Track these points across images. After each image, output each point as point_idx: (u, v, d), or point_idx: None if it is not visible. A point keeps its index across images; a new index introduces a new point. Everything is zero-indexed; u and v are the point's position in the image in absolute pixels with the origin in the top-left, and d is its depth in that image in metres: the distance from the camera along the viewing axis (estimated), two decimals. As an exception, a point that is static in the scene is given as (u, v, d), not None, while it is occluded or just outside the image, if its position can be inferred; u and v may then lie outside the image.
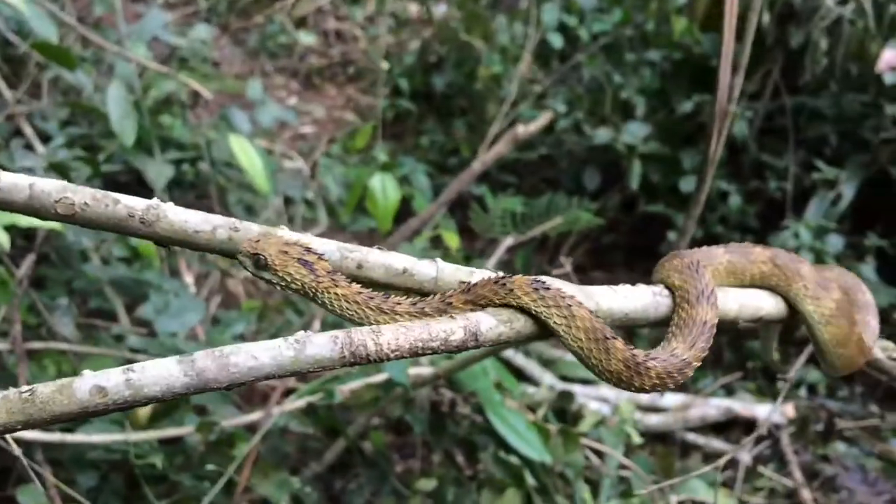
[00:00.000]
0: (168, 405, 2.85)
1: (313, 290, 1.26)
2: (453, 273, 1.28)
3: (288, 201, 5.06)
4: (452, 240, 3.89)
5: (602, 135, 5.65)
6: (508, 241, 4.38)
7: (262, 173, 4.12)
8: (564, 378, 5.11)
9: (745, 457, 4.81)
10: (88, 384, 1.00)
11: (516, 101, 6.14)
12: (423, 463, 3.63)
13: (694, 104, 5.71)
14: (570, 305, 1.27)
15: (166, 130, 4.96)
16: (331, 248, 1.22)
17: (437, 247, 4.34)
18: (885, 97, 5.20)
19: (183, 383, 1.00)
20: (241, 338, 3.17)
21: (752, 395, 5.32)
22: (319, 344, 1.06)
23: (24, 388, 0.99)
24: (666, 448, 4.40)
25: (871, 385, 5.48)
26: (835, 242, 5.08)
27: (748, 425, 5.13)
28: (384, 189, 2.80)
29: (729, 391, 5.37)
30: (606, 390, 5.08)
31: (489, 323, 1.16)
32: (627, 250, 6.36)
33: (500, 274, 1.27)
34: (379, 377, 2.87)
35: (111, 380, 1.00)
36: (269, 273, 1.25)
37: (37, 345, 2.77)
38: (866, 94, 5.30)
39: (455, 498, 2.90)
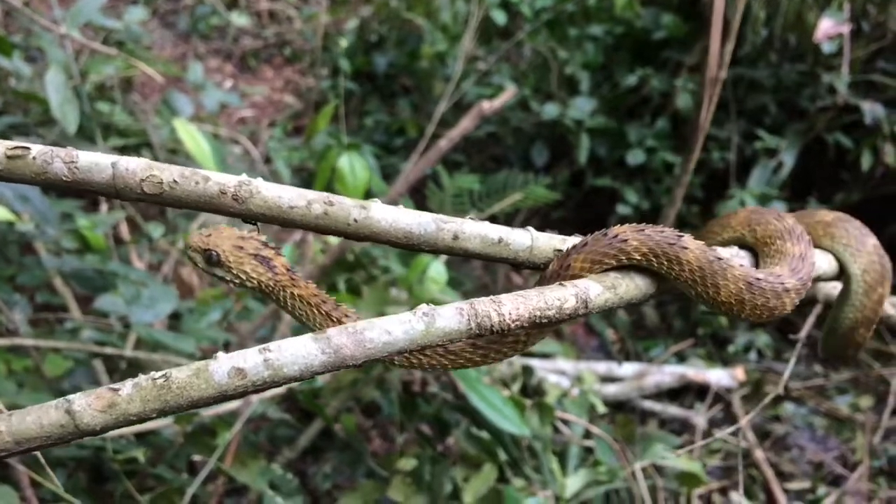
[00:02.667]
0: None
1: (270, 289, 1.20)
2: (547, 241, 1.27)
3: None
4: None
5: (550, 110, 5.67)
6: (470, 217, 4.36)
7: (211, 159, 4.00)
8: (523, 353, 5.15)
9: (700, 420, 4.94)
10: (226, 366, 0.97)
11: (461, 79, 6.13)
12: (394, 443, 3.61)
13: (638, 78, 5.78)
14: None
15: (105, 117, 4.80)
16: (426, 219, 1.19)
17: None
18: (820, 66, 5.35)
19: (321, 361, 0.98)
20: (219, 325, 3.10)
21: (703, 360, 5.46)
22: (447, 316, 1.04)
23: (157, 374, 0.94)
24: (626, 416, 4.48)
25: (815, 346, 5.69)
26: (778, 209, 5.22)
27: (700, 390, 5.27)
28: (352, 168, 2.76)
29: (681, 358, 5.50)
30: (564, 363, 5.14)
31: (597, 290, 1.15)
32: (576, 224, 6.43)
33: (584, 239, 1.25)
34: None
35: (248, 360, 0.97)
36: (222, 270, 1.18)
37: (2, 342, 2.65)
38: (803, 63, 5.45)
39: (432, 476, 2.90)
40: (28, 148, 1.12)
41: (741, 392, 5.19)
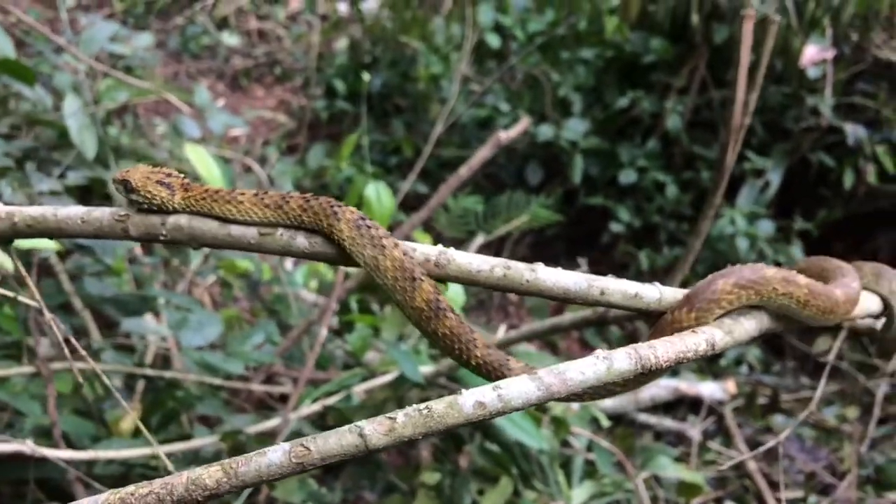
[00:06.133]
0: (166, 418, 2.86)
1: (171, 204, 1.45)
2: (672, 294, 1.50)
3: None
4: (425, 240, 3.99)
5: (545, 132, 5.84)
6: (479, 239, 4.52)
7: (222, 182, 4.11)
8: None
9: (695, 433, 5.10)
10: (471, 400, 1.17)
11: (456, 101, 6.28)
12: (404, 458, 3.72)
13: (629, 100, 5.97)
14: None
15: (113, 140, 4.88)
16: (580, 279, 1.39)
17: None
18: (804, 89, 5.57)
19: (537, 396, 1.20)
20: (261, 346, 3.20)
21: (695, 374, 5.62)
22: (620, 359, 1.27)
23: (422, 406, 1.15)
24: (625, 428, 4.62)
25: (801, 359, 5.88)
26: (766, 227, 5.43)
27: (693, 403, 5.43)
28: (378, 197, 2.89)
29: (673, 372, 5.65)
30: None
31: (720, 335, 1.35)
32: (568, 241, 6.59)
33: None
34: (386, 378, 2.96)
35: (486, 396, 1.18)
36: (135, 195, 1.44)
37: (58, 365, 2.73)
38: (788, 86, 5.66)
39: (451, 489, 3.02)
40: (276, 227, 1.42)
41: (732, 404, 5.36)
